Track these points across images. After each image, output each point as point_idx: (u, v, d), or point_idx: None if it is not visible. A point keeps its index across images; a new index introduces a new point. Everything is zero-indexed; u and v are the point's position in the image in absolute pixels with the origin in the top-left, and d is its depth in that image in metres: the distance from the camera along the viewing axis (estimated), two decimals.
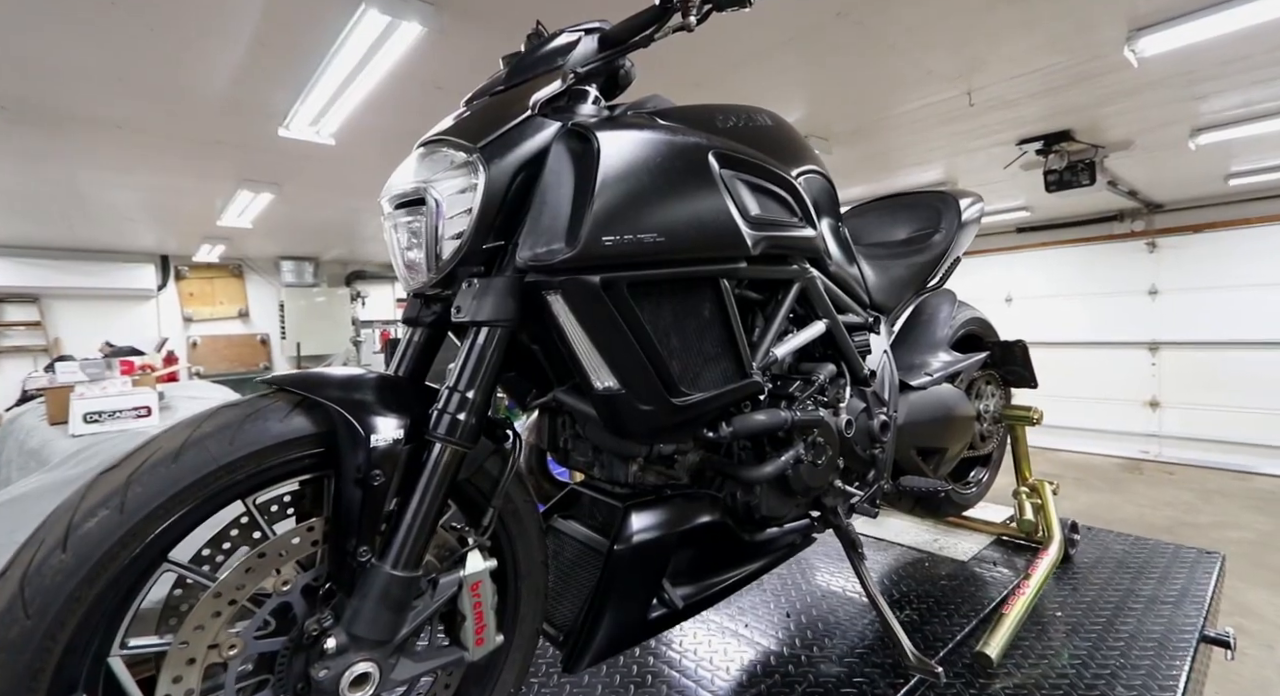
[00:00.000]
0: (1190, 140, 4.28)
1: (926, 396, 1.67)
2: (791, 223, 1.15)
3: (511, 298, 0.90)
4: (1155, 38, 2.63)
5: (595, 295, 0.88)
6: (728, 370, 1.11)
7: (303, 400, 0.83)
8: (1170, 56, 2.83)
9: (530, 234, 0.88)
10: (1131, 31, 2.58)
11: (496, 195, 0.90)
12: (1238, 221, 6.84)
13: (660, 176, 0.91)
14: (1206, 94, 3.46)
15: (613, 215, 0.87)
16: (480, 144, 0.90)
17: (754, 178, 1.07)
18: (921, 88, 3.19)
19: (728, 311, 1.07)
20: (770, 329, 1.23)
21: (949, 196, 1.86)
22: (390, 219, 0.96)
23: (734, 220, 1.00)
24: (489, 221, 0.90)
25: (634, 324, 0.94)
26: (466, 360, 0.89)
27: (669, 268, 0.95)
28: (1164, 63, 2.90)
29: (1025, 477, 2.02)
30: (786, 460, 1.20)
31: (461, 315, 0.90)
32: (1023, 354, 2.03)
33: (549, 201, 0.88)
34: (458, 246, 0.90)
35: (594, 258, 0.86)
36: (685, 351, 1.04)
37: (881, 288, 1.66)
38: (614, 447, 1.12)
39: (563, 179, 0.89)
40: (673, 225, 0.92)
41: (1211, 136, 4.22)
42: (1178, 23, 2.55)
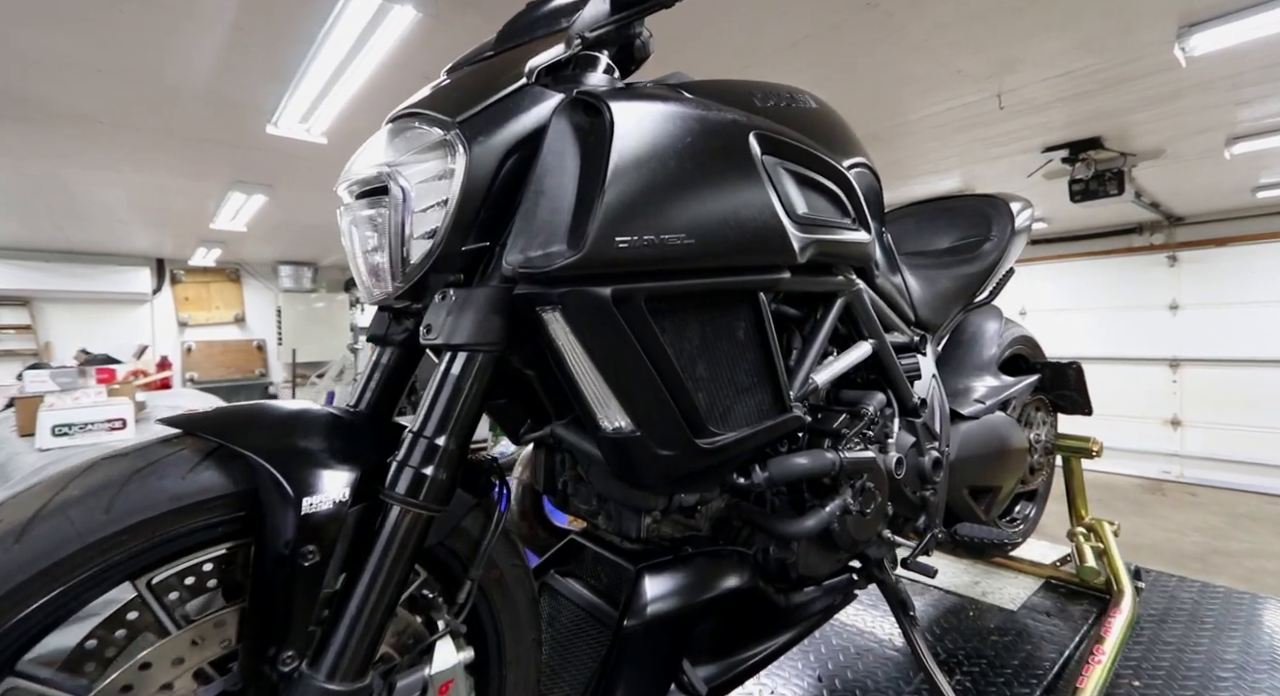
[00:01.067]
0: (1226, 149, 4.08)
1: (979, 427, 1.46)
2: (843, 224, 0.94)
3: (497, 314, 0.70)
4: (1208, 35, 2.44)
5: (604, 312, 0.68)
6: (763, 403, 0.90)
7: (217, 448, 0.62)
8: (1219, 57, 2.64)
9: (522, 233, 0.68)
10: (1182, 28, 2.39)
11: (480, 183, 0.70)
12: (1264, 235, 6.63)
13: (690, 160, 0.71)
14: (1249, 99, 3.26)
15: (629, 209, 0.67)
16: (460, 118, 0.71)
17: (801, 168, 0.87)
18: (949, 89, 3.00)
19: (766, 332, 0.87)
20: (810, 351, 1.03)
21: (999, 201, 1.66)
22: (348, 212, 0.76)
23: (779, 219, 0.80)
24: (470, 216, 0.71)
25: (653, 348, 0.73)
26: (437, 395, 0.69)
27: (698, 278, 0.75)
28: (1211, 64, 2.71)
29: (1082, 517, 1.80)
30: (832, 511, 0.99)
31: (432, 336, 0.70)
32: (1077, 378, 1.82)
33: (547, 191, 0.69)
34: (429, 248, 0.71)
35: (604, 264, 0.66)
36: (714, 382, 0.84)
37: (926, 302, 1.46)
38: (624, 499, 0.92)
39: (565, 162, 0.69)
40: (705, 224, 0.72)
41: (1248, 145, 4.03)
42: (1233, 18, 2.37)
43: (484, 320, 0.69)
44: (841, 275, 1.05)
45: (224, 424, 0.64)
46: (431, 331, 0.70)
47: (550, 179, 0.68)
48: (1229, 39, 2.49)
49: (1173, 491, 6.71)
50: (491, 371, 0.72)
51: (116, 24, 2.17)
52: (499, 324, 0.70)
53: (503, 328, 0.70)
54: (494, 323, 0.70)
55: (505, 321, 0.70)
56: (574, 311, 0.67)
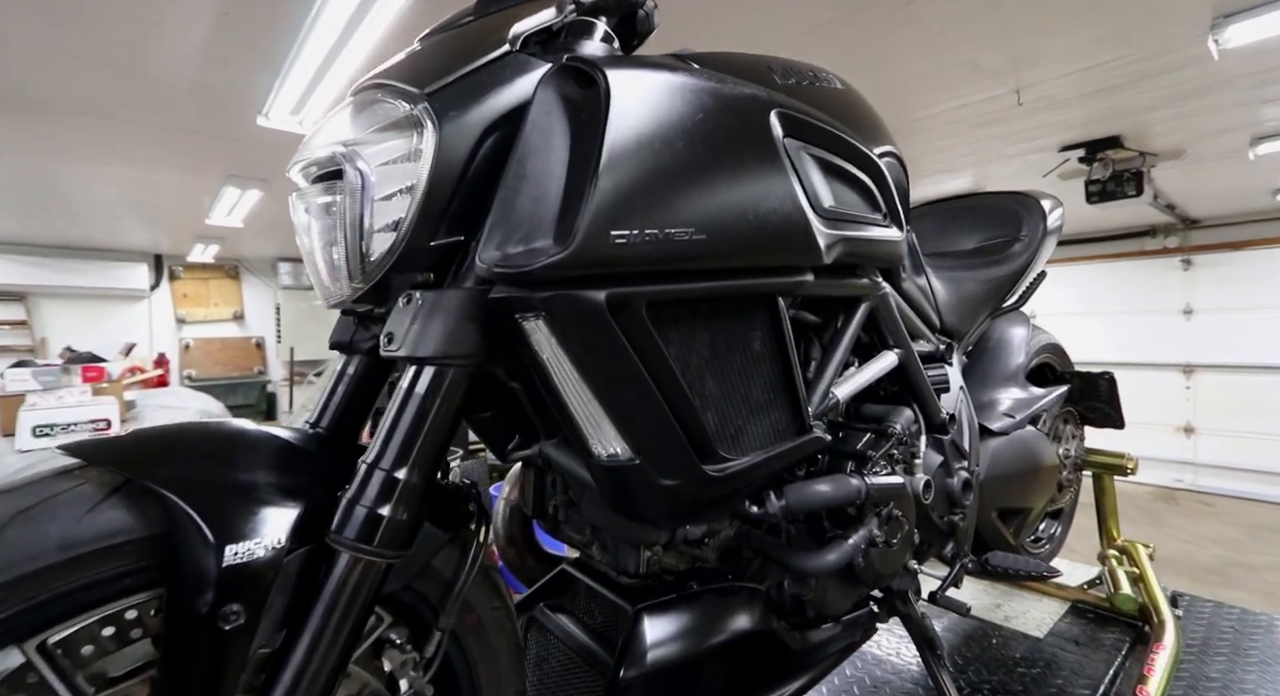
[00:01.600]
0: (1250, 149, 3.94)
1: (1009, 444, 1.34)
2: (873, 220, 0.83)
3: (473, 321, 0.59)
4: (1242, 26, 2.31)
5: (598, 319, 0.57)
6: (780, 422, 0.79)
7: (125, 482, 0.51)
8: (1250, 51, 2.51)
9: (500, 225, 0.57)
10: (1216, 18, 2.27)
11: (452, 166, 0.59)
12: None
13: (701, 141, 0.60)
14: (1277, 97, 3.13)
15: (628, 198, 0.56)
16: (430, 89, 0.60)
17: (829, 154, 0.75)
18: (965, 84, 2.88)
19: (785, 342, 0.76)
20: (831, 362, 0.92)
21: (1030, 198, 1.54)
22: (302, 199, 0.65)
23: (804, 212, 0.68)
24: (440, 205, 0.60)
25: (655, 362, 0.62)
26: (398, 418, 0.58)
27: (709, 280, 0.64)
28: (1242, 58, 2.58)
29: (1114, 538, 1.68)
30: (855, 544, 0.88)
31: (394, 347, 0.59)
32: (1109, 389, 1.70)
33: (530, 175, 0.57)
34: (392, 242, 0.60)
35: (597, 263, 0.55)
36: (725, 399, 0.73)
37: (952, 307, 1.35)
38: (621, 532, 0.81)
39: (552, 141, 0.58)
40: (718, 217, 0.61)
41: (1273, 146, 3.89)
42: (1270, 8, 2.24)
43: (456, 328, 0.58)
44: (867, 278, 0.94)
45: (135, 452, 0.53)
46: (393, 341, 0.59)
47: (534, 161, 0.57)
48: (1264, 31, 2.36)
49: (1186, 500, 6.56)
50: (465, 388, 0.61)
51: (93, 8, 2.07)
52: (475, 332, 0.59)
53: (479, 337, 0.59)
54: (468, 331, 0.59)
55: (482, 329, 0.59)
56: (561, 319, 0.56)
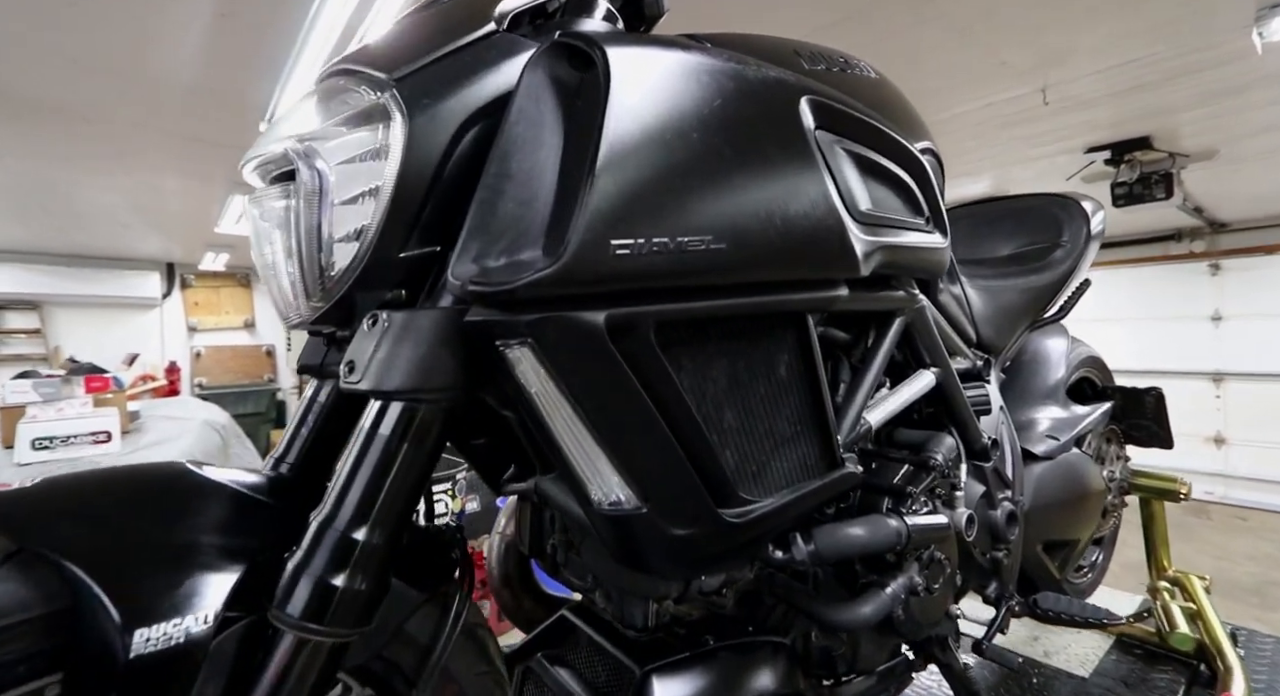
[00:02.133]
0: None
1: (1055, 469, 1.23)
2: (915, 224, 0.73)
3: (449, 347, 0.49)
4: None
5: (596, 346, 0.47)
6: (808, 457, 0.69)
7: (17, 551, 0.42)
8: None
9: (478, 233, 0.47)
10: (1262, 9, 2.14)
11: (425, 163, 0.50)
12: None
13: (719, 131, 0.50)
14: None
15: (632, 200, 0.46)
16: (399, 74, 0.51)
17: (866, 149, 0.65)
18: (991, 82, 2.76)
19: (814, 366, 0.66)
20: (862, 385, 0.81)
21: (1071, 201, 1.43)
22: (256, 203, 0.57)
23: (839, 216, 0.58)
24: (411, 210, 0.51)
25: (665, 394, 0.53)
26: (357, 465, 0.48)
27: (729, 297, 0.54)
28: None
29: (1164, 569, 1.55)
30: (895, 593, 0.77)
31: (354, 378, 0.50)
32: (1157, 406, 1.57)
33: (515, 174, 0.48)
34: (355, 254, 0.51)
35: (595, 278, 0.45)
36: (746, 434, 0.63)
37: (989, 319, 1.23)
38: (627, 585, 0.71)
39: (541, 134, 0.49)
40: (739, 221, 0.51)
41: None
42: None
43: (429, 355, 0.49)
44: (903, 289, 0.84)
45: (35, 510, 0.44)
46: (354, 371, 0.50)
47: (519, 157, 0.48)
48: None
49: (1218, 514, 6.31)
50: (440, 428, 0.51)
51: (90, 9, 2.02)
52: (452, 361, 0.50)
53: (458, 366, 0.50)
54: (444, 359, 0.49)
55: (462, 357, 0.50)
56: (551, 346, 0.46)
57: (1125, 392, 1.60)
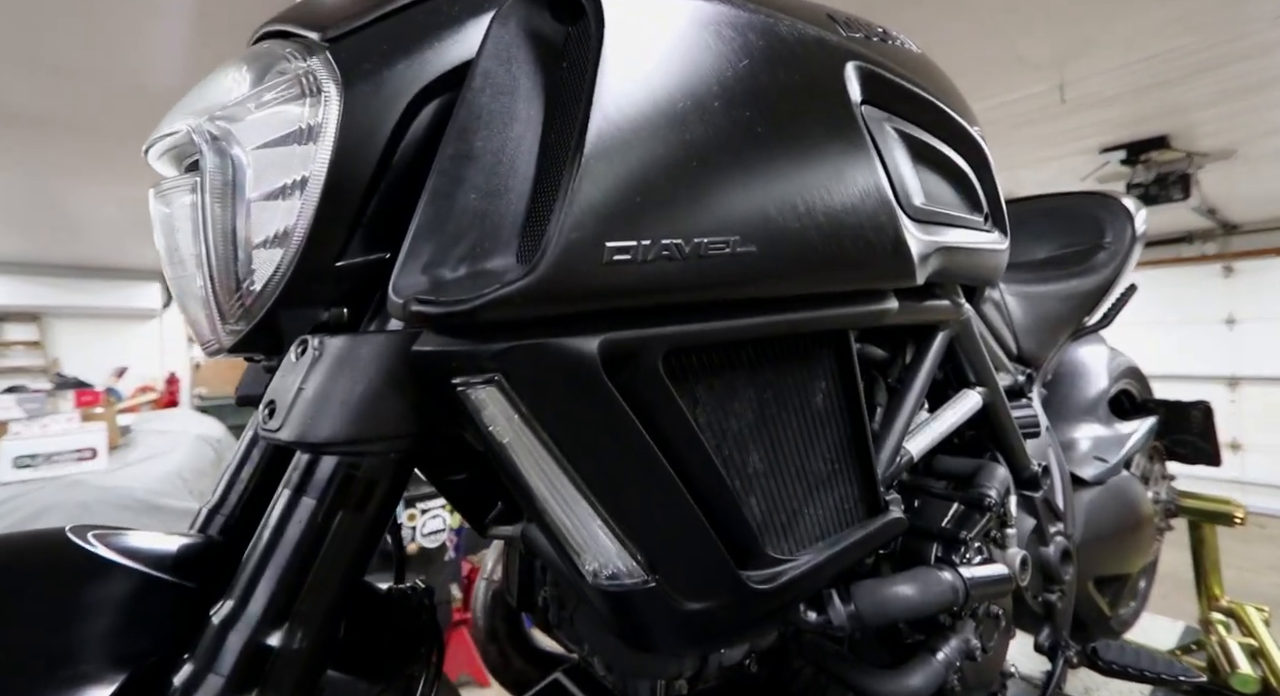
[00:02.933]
0: None
1: (1105, 496, 1.10)
2: (973, 222, 0.61)
3: (397, 385, 0.38)
4: None
5: (587, 381, 0.36)
6: (845, 500, 0.58)
7: None
8: None
9: (430, 235, 0.36)
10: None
11: (368, 147, 0.39)
12: None
13: (747, 101, 0.39)
14: None
15: (632, 190, 0.35)
16: (335, 34, 0.40)
17: (918, 129, 0.54)
18: (1007, 79, 2.66)
19: (855, 393, 0.55)
20: (901, 409, 0.70)
21: (1112, 200, 1.31)
22: (160, 197, 0.46)
23: (893, 212, 0.47)
24: (350, 207, 0.40)
25: (677, 436, 0.41)
26: (274, 541, 0.37)
27: (759, 314, 0.42)
28: None
29: (1217, 598, 1.42)
30: (949, 658, 0.65)
31: (274, 424, 0.38)
32: (1204, 420, 1.45)
33: (478, 157, 0.37)
34: (279, 264, 0.40)
35: (585, 293, 0.34)
36: (774, 477, 0.51)
37: (1029, 329, 1.12)
38: (631, 667, 0.59)
39: (514, 105, 0.38)
40: (773, 218, 0.39)
41: None
42: None
43: (372, 393, 0.38)
44: (949, 298, 0.72)
45: None
46: (274, 415, 0.38)
47: (485, 135, 0.37)
48: None
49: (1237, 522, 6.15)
50: (392, 485, 0.40)
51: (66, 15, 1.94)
52: (403, 400, 0.38)
53: (411, 406, 0.38)
54: (392, 398, 0.38)
55: (417, 394, 0.38)
56: (527, 384, 0.35)
57: (1170, 406, 1.48)
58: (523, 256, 0.35)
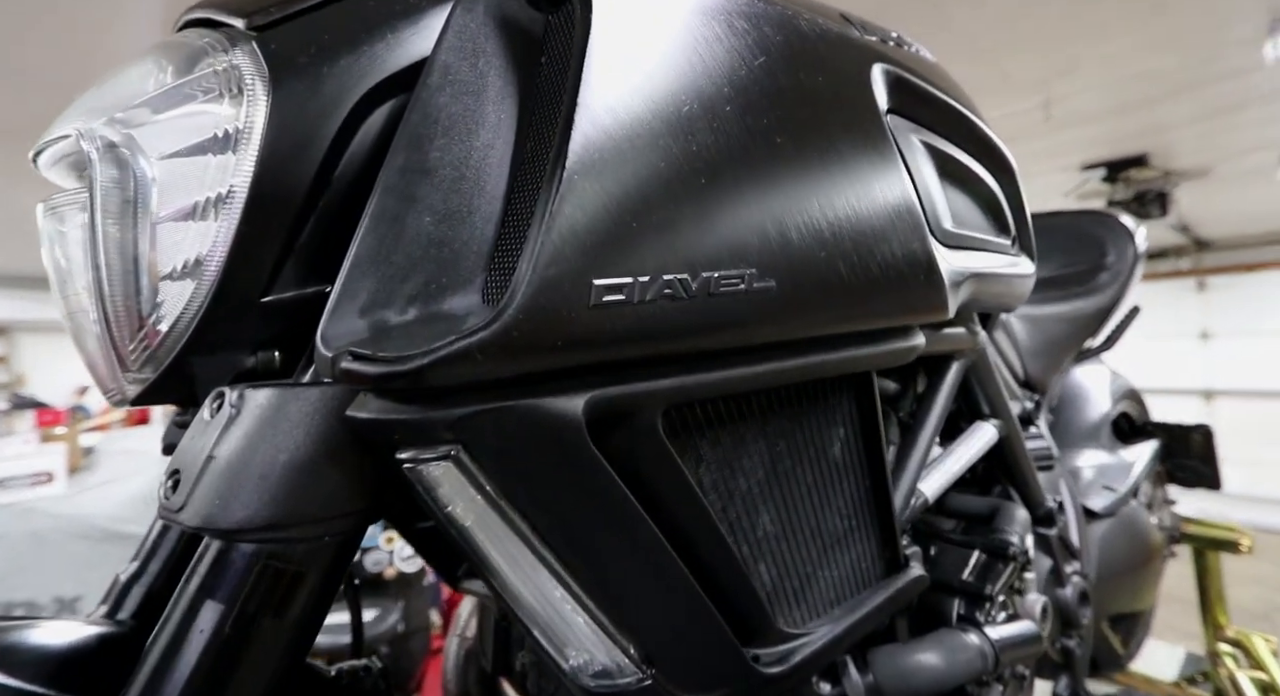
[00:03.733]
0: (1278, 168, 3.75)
1: (1116, 529, 1.05)
2: (1000, 246, 0.56)
3: (333, 452, 0.30)
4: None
5: (570, 449, 0.29)
6: (863, 558, 0.52)
7: None
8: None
9: (372, 267, 0.29)
10: (1276, 20, 2.06)
11: (302, 159, 0.32)
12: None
13: (766, 108, 0.32)
14: None
15: (626, 215, 0.28)
16: (264, 22, 0.33)
17: (947, 143, 0.48)
18: (994, 96, 2.67)
19: (877, 438, 0.48)
20: (915, 447, 0.64)
21: (1111, 218, 1.28)
22: (52, 214, 0.38)
23: (925, 238, 0.40)
24: (278, 230, 0.32)
25: (676, 503, 0.35)
26: (171, 653, 0.29)
27: (777, 358, 0.35)
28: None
29: (1222, 627, 1.37)
30: None
31: (175, 503, 0.30)
32: (1205, 444, 1.42)
33: (436, 171, 0.30)
34: (191, 299, 0.32)
35: (567, 342, 0.27)
36: (786, 539, 0.45)
37: (1034, 352, 1.07)
38: None
39: (481, 107, 0.31)
40: (798, 247, 0.33)
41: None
42: None
43: (301, 464, 0.30)
44: (965, 326, 0.66)
45: None
46: (178, 488, 0.31)
47: (443, 144, 0.30)
48: None
49: None
50: (326, 577, 0.32)
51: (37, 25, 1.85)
52: (340, 473, 0.31)
53: (350, 478, 0.31)
54: (328, 469, 0.30)
55: (359, 463, 0.31)
56: (494, 456, 0.27)
57: (1170, 430, 1.44)
58: (489, 295, 0.28)
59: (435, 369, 0.24)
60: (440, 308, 0.28)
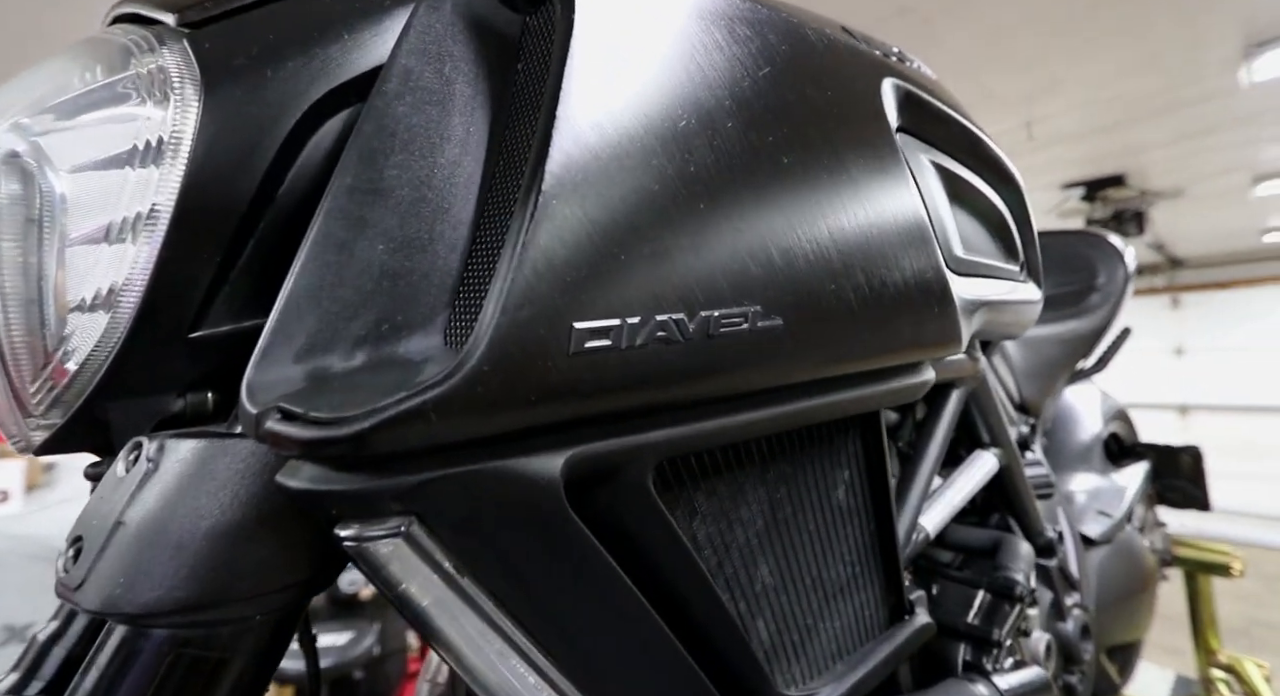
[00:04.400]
0: (1251, 189, 3.85)
1: (1113, 556, 1.03)
2: (1009, 272, 0.53)
3: (262, 522, 0.26)
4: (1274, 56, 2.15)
5: (545, 516, 0.25)
6: (866, 605, 0.49)
7: None
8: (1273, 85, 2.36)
9: (315, 304, 0.24)
10: (1250, 46, 2.10)
11: (239, 175, 0.28)
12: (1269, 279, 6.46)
13: (771, 124, 0.29)
14: None
15: (613, 245, 0.24)
16: (197, 18, 0.29)
17: (954, 164, 0.45)
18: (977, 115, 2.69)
19: (883, 478, 0.45)
20: (915, 480, 0.61)
21: (1099, 238, 1.28)
22: None
23: (939, 267, 0.37)
24: (210, 255, 0.28)
25: (668, 565, 0.31)
26: None
27: (781, 402, 0.32)
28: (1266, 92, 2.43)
29: (1214, 652, 1.36)
30: None
31: (74, 578, 0.25)
32: (1194, 465, 1.41)
33: (390, 191, 0.26)
34: (104, 334, 0.27)
35: (542, 393, 0.22)
36: (786, 591, 0.41)
37: (1029, 374, 1.05)
38: None
39: (446, 119, 0.27)
40: (807, 280, 0.29)
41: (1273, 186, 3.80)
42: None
43: (228, 531, 0.26)
44: (968, 353, 0.63)
45: None
46: (80, 559, 0.26)
47: (400, 162, 0.26)
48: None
49: None
50: (261, 659, 0.28)
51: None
52: (275, 539, 0.26)
53: (287, 547, 0.27)
54: (259, 538, 0.26)
55: (299, 529, 0.26)
56: (454, 529, 0.23)
57: (1159, 451, 1.43)
58: (452, 337, 0.24)
59: (380, 432, 0.20)
60: (394, 351, 0.24)
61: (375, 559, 0.23)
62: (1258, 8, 1.89)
